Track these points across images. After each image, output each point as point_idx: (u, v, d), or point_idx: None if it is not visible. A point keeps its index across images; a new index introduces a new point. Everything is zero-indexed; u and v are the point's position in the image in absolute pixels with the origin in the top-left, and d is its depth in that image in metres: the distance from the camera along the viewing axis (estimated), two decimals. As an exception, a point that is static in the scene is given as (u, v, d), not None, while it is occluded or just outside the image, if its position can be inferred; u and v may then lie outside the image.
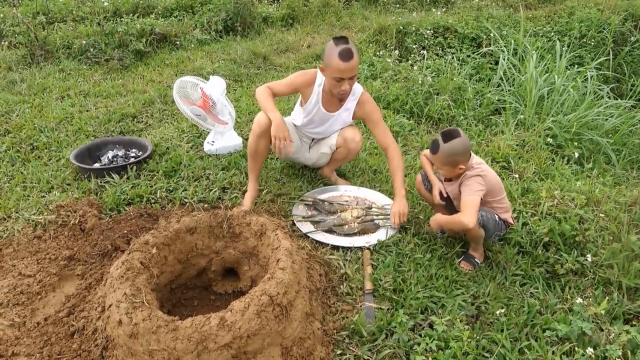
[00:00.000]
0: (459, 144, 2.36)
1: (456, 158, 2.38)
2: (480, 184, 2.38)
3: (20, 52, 5.55)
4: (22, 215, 2.83)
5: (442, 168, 2.45)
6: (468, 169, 2.44)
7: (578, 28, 7.32)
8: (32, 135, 3.78)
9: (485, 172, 2.42)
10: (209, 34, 6.48)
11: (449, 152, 2.36)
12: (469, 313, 2.24)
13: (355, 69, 2.67)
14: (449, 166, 2.41)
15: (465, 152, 2.39)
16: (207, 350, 1.79)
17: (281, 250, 2.18)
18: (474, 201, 2.35)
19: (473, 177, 2.40)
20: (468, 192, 2.38)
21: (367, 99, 2.93)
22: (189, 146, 3.58)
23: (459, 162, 2.39)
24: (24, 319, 2.17)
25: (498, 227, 2.51)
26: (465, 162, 2.41)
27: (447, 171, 2.46)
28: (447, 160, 2.39)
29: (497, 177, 2.55)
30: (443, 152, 2.37)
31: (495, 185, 2.50)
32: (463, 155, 2.38)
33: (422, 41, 6.66)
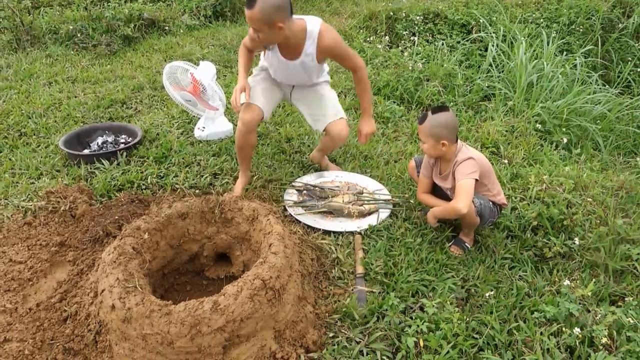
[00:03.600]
0: (446, 118, 2.38)
1: (441, 131, 2.38)
2: (472, 166, 2.39)
3: (6, 37, 5.46)
4: (12, 201, 2.81)
5: (426, 141, 2.44)
6: (456, 154, 2.45)
7: (567, 15, 7.33)
8: (19, 121, 3.74)
9: (474, 156, 2.43)
10: (198, 19, 6.42)
11: (435, 123, 2.38)
12: (458, 296, 2.28)
13: (253, 22, 2.43)
14: (432, 139, 2.41)
15: (451, 128, 2.40)
16: (200, 334, 1.80)
17: (273, 234, 2.19)
18: (468, 185, 2.35)
19: (464, 160, 2.41)
20: (461, 176, 2.38)
21: (326, 41, 2.66)
22: (179, 132, 3.56)
23: (442, 137, 2.39)
24: (16, 305, 2.17)
25: (492, 214, 2.54)
26: (449, 140, 2.40)
27: (430, 146, 2.45)
28: (431, 132, 2.39)
29: (486, 160, 2.57)
30: (429, 122, 2.39)
31: (487, 168, 2.52)
32: (447, 130, 2.38)
33: (412, 27, 6.64)
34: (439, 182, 2.61)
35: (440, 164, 2.58)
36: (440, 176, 2.59)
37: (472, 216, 2.43)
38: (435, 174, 2.63)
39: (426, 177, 2.66)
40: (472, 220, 2.48)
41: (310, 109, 2.99)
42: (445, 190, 2.61)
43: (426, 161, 2.63)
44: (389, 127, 3.97)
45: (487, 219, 2.54)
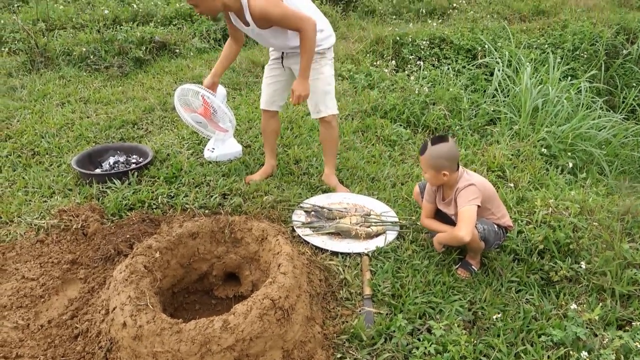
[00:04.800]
0: (446, 149, 2.40)
1: (441, 162, 2.40)
2: (474, 192, 2.41)
3: (21, 58, 5.59)
4: (25, 219, 2.86)
5: (427, 171, 2.48)
6: (458, 181, 2.48)
7: (571, 41, 7.44)
8: (33, 140, 3.81)
9: (475, 182, 2.45)
10: (207, 42, 6.55)
11: (436, 154, 2.40)
12: (466, 318, 2.29)
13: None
14: (433, 170, 2.44)
15: (451, 159, 2.42)
16: (210, 353, 1.82)
17: (282, 255, 2.22)
18: (469, 212, 2.37)
19: (465, 188, 2.43)
20: (463, 203, 2.41)
21: (256, 9, 2.70)
22: (189, 153, 3.62)
23: (443, 167, 2.41)
24: (28, 322, 2.19)
25: (497, 237, 2.56)
26: (450, 170, 2.42)
27: (431, 176, 2.48)
28: (431, 163, 2.42)
29: (489, 184, 2.60)
30: (430, 153, 2.42)
31: (490, 192, 2.55)
32: (448, 161, 2.41)
33: (419, 52, 6.75)
34: (443, 208, 2.64)
35: (443, 191, 2.61)
36: (443, 202, 2.62)
37: (476, 242, 2.46)
38: (438, 200, 2.66)
39: (429, 203, 2.69)
40: (477, 245, 2.50)
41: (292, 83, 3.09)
42: (449, 216, 2.64)
43: (429, 187, 2.66)
44: (396, 149, 4.02)
45: (493, 243, 2.56)
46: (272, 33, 2.87)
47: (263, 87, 3.34)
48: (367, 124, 4.35)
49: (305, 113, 4.45)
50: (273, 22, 2.77)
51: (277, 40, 2.95)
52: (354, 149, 3.87)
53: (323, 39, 3.03)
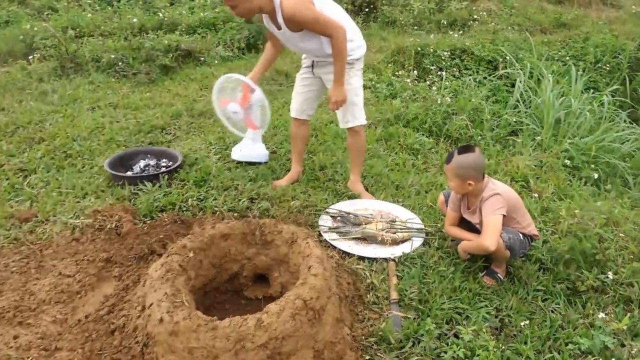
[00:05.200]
0: (472, 159, 2.43)
1: (467, 172, 2.43)
2: (499, 202, 2.43)
3: (51, 64, 5.75)
4: (60, 218, 2.95)
5: (452, 180, 2.50)
6: (483, 190, 2.50)
7: (593, 53, 7.43)
8: (65, 143, 3.93)
9: (501, 191, 2.47)
10: (231, 51, 6.67)
11: (461, 164, 2.43)
12: (492, 325, 2.31)
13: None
14: (459, 179, 2.46)
15: (477, 169, 2.45)
16: (244, 350, 1.87)
17: (313, 257, 2.27)
18: (495, 221, 2.40)
19: (490, 197, 2.45)
20: (488, 213, 2.43)
21: (286, 11, 2.75)
22: (216, 158, 3.70)
23: (468, 177, 2.44)
24: (66, 316, 2.27)
25: (523, 245, 2.58)
26: (475, 179, 2.45)
27: (457, 185, 2.50)
28: (457, 172, 2.45)
29: (514, 193, 2.62)
30: (456, 162, 2.45)
31: (515, 201, 2.57)
32: (474, 171, 2.44)
33: (440, 62, 6.80)
34: (467, 216, 2.67)
35: (468, 200, 2.64)
36: (468, 211, 2.65)
37: (501, 251, 2.48)
38: (463, 209, 2.68)
39: (454, 211, 2.72)
40: (502, 254, 2.52)
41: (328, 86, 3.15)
42: (474, 224, 2.66)
43: (453, 196, 2.69)
44: (419, 158, 4.06)
45: (518, 252, 2.58)
46: (302, 37, 2.91)
47: (294, 95, 3.40)
48: (390, 133, 4.39)
49: (329, 120, 4.51)
50: (303, 24, 2.81)
51: (307, 45, 2.99)
52: (378, 157, 3.92)
53: (353, 49, 3.06)
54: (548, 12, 9.05)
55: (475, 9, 8.90)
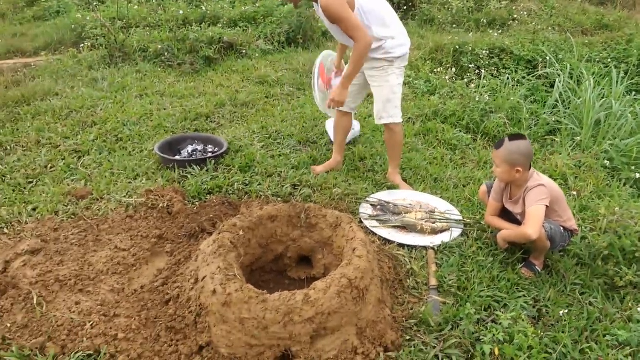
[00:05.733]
0: (523, 146, 2.48)
1: (516, 158, 2.47)
2: (543, 192, 2.47)
3: (101, 53, 6.00)
4: (114, 197, 3.12)
5: (500, 166, 2.54)
6: (528, 180, 2.55)
7: (636, 55, 7.28)
8: (116, 127, 4.12)
9: (545, 182, 2.51)
10: (272, 44, 6.81)
11: (512, 149, 2.47)
12: (530, 314, 2.36)
13: None
14: (507, 165, 2.50)
15: (526, 156, 2.49)
16: (292, 322, 1.98)
17: (357, 240, 2.36)
18: (538, 211, 2.45)
19: (535, 187, 2.50)
20: (532, 202, 2.48)
21: (325, 4, 2.85)
22: (260, 146, 3.83)
23: (517, 164, 2.48)
24: (123, 286, 2.42)
25: (563, 239, 2.62)
26: (524, 167, 2.49)
27: (504, 171, 2.54)
28: (507, 158, 2.49)
29: (557, 187, 2.66)
30: (506, 148, 2.49)
31: (558, 194, 2.60)
32: (524, 158, 2.48)
33: (478, 61, 6.79)
34: (510, 206, 2.71)
35: (511, 189, 2.69)
36: (510, 201, 2.70)
37: (542, 241, 2.52)
38: (505, 199, 2.73)
39: (496, 201, 2.77)
40: (543, 244, 2.56)
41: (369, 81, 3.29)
42: (515, 215, 2.71)
43: (497, 185, 2.74)
44: (457, 153, 4.10)
45: (558, 244, 2.62)
46: (339, 30, 2.99)
47: None
48: (428, 128, 4.45)
49: (368, 114, 4.60)
50: (333, 19, 2.90)
51: (343, 38, 3.06)
52: (417, 151, 3.99)
53: (393, 47, 3.12)
54: (590, 13, 8.89)
55: (515, 8, 8.82)
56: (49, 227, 2.83)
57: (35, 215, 2.96)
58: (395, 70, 3.19)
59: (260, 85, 5.43)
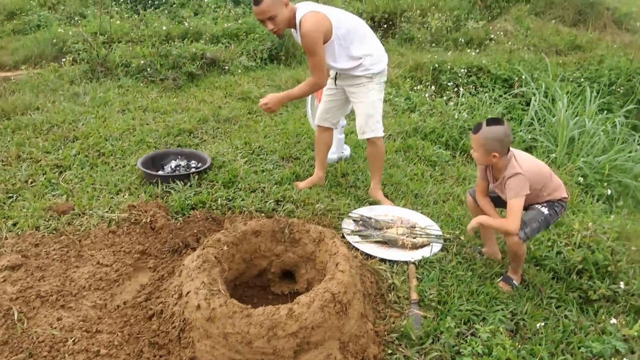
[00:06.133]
0: (500, 132, 2.45)
1: (493, 144, 2.45)
2: (520, 183, 2.47)
3: (82, 67, 5.97)
4: (96, 212, 3.11)
5: (477, 150, 2.52)
6: (507, 165, 2.53)
7: (607, 75, 7.55)
8: (98, 142, 4.11)
9: (521, 169, 2.49)
10: (254, 61, 6.87)
11: (488, 135, 2.45)
12: (508, 327, 2.42)
13: (266, 12, 2.87)
14: (484, 149, 2.48)
15: (503, 143, 2.46)
16: (276, 337, 2.00)
17: (340, 255, 2.40)
18: (516, 205, 2.46)
19: (512, 177, 2.49)
20: (512, 195, 2.48)
21: (303, 32, 2.96)
22: (243, 161, 3.85)
23: (494, 149, 2.46)
24: (105, 302, 2.41)
25: (548, 221, 2.64)
26: (500, 152, 2.47)
27: (480, 155, 2.52)
28: (483, 142, 2.46)
29: (537, 163, 2.65)
30: (483, 133, 2.46)
31: (538, 174, 2.59)
32: (499, 144, 2.45)
33: (456, 79, 6.96)
34: (494, 189, 2.71)
35: (493, 171, 2.67)
36: (494, 184, 2.69)
37: (518, 243, 2.57)
38: (490, 178, 2.72)
39: (482, 180, 2.76)
40: (519, 249, 2.61)
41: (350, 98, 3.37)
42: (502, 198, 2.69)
43: (482, 169, 2.74)
44: (436, 169, 4.19)
45: (546, 227, 2.70)
46: None
47: (320, 104, 3.55)
48: (408, 144, 4.54)
49: (349, 131, 4.66)
50: (306, 49, 3.02)
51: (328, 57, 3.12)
52: (397, 167, 4.06)
53: (372, 64, 3.20)
54: (563, 34, 9.18)
55: (492, 28, 9.06)
56: (29, 243, 2.80)
57: (16, 230, 2.94)
58: (375, 85, 3.27)
59: (243, 101, 5.47)
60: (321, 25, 2.97)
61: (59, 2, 8.93)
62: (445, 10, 9.05)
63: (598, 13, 10.23)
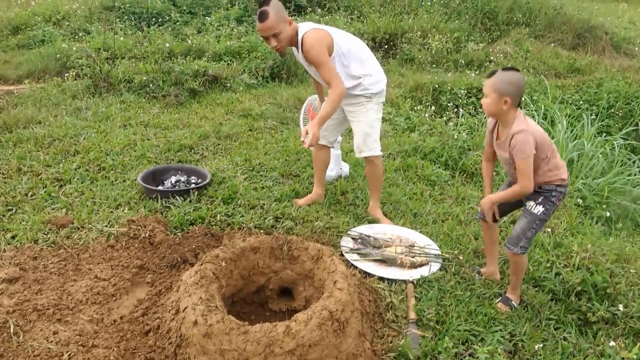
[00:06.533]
0: (516, 76, 2.40)
1: (507, 87, 2.38)
2: (527, 141, 2.40)
3: (85, 82, 6.02)
4: (95, 226, 3.11)
5: (490, 95, 2.43)
6: (514, 120, 2.45)
7: (606, 99, 7.62)
8: (99, 157, 4.13)
9: (528, 127, 2.43)
10: (256, 78, 6.93)
11: (504, 78, 2.39)
12: (506, 348, 2.41)
13: (271, 29, 2.91)
14: (496, 93, 2.39)
15: (517, 88, 2.40)
16: (273, 354, 1.99)
17: (338, 273, 2.40)
18: (526, 165, 2.40)
19: (518, 134, 2.41)
20: (519, 155, 2.42)
21: (307, 48, 3.00)
22: (243, 178, 3.87)
23: (507, 94, 2.38)
24: (102, 316, 2.40)
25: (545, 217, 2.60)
26: (512, 99, 2.39)
27: (492, 101, 2.43)
28: (497, 86, 2.38)
29: (542, 131, 2.55)
30: (498, 76, 2.40)
31: (543, 139, 2.51)
32: (514, 88, 2.39)
33: (456, 100, 7.02)
34: (497, 149, 2.64)
35: (499, 129, 2.60)
36: (497, 142, 2.61)
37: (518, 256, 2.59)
38: (494, 141, 2.65)
39: (489, 147, 2.72)
40: (520, 260, 2.62)
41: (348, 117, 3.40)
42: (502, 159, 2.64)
43: (488, 128, 2.68)
44: (435, 189, 4.20)
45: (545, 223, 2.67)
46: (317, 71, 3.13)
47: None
48: (408, 164, 4.56)
49: (349, 149, 4.69)
50: (312, 62, 3.05)
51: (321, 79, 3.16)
52: (397, 186, 4.07)
53: (371, 84, 3.26)
54: (562, 57, 9.30)
55: (492, 50, 9.17)
56: (28, 256, 2.80)
57: (14, 243, 2.93)
58: (373, 105, 3.31)
59: (244, 118, 5.51)
60: (323, 39, 3.03)
61: (63, 18, 9.01)
62: (445, 32, 9.15)
63: (597, 37, 10.37)
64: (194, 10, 9.65)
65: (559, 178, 2.57)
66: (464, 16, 9.97)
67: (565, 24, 10.34)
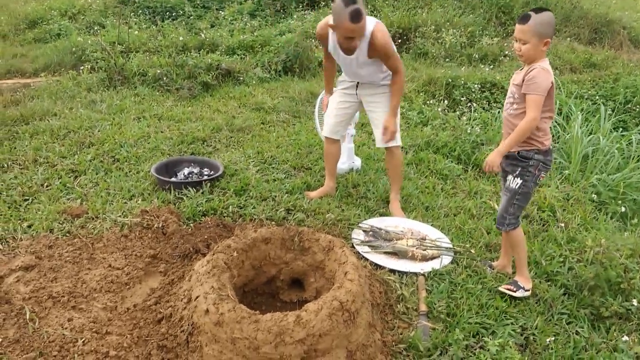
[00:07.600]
0: (550, 16, 2.37)
1: (547, 28, 2.35)
2: (547, 79, 2.36)
3: (100, 75, 6.08)
4: (109, 216, 3.15)
5: (530, 40, 2.35)
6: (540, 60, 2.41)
7: (623, 94, 7.50)
8: (113, 149, 4.17)
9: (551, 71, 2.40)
10: (269, 72, 6.94)
11: (541, 20, 2.35)
12: (517, 342, 2.40)
13: (363, 29, 2.95)
14: (537, 38, 2.34)
15: (553, 27, 2.40)
16: (283, 343, 2.00)
17: (349, 264, 2.40)
18: (536, 101, 2.36)
19: (539, 69, 2.37)
20: (532, 88, 2.37)
21: (378, 40, 3.05)
22: (255, 170, 3.89)
23: (547, 35, 2.35)
24: (115, 304, 2.44)
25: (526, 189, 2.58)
26: (550, 38, 2.36)
27: (532, 46, 2.36)
28: (537, 29, 2.33)
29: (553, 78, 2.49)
30: (534, 20, 2.34)
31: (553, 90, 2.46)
32: (552, 28, 2.39)
33: (470, 94, 6.95)
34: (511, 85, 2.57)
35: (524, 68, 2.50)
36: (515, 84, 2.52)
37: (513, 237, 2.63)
38: None
39: None
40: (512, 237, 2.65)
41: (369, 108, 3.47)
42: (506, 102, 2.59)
43: None
44: (448, 183, 4.18)
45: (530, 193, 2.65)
46: (366, 63, 3.20)
47: (327, 116, 3.59)
48: (420, 158, 4.54)
49: (361, 143, 4.68)
50: (383, 55, 3.14)
51: (365, 70, 3.27)
52: (409, 179, 4.06)
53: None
54: (578, 52, 9.16)
55: (507, 45, 9.06)
56: (43, 244, 2.85)
57: (30, 232, 2.98)
58: None
59: (257, 111, 5.53)
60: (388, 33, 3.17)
61: (79, 12, 9.11)
62: (459, 26, 9.07)
63: (614, 32, 10.20)
64: (208, 4, 9.70)
65: (538, 141, 2.52)
66: (479, 10, 9.86)
67: (582, 18, 10.18)
